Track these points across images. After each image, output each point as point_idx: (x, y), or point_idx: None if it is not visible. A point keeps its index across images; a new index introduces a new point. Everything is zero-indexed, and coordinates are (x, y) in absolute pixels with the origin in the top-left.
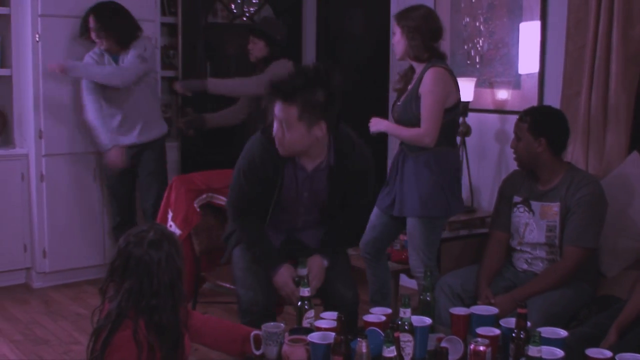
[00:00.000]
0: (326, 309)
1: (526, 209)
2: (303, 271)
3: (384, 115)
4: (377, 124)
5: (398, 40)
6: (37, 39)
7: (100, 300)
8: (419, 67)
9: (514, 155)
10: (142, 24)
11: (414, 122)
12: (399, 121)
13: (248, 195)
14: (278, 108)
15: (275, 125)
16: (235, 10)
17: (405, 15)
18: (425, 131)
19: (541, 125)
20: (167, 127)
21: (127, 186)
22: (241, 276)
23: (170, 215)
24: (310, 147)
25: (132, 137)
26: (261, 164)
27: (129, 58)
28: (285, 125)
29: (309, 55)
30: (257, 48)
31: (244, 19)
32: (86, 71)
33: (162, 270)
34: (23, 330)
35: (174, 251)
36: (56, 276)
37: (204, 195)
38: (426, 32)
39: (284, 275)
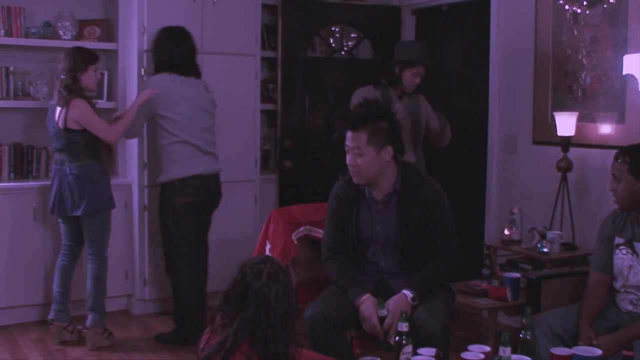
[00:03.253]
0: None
1: (629, 250)
2: (382, 312)
3: (483, 152)
4: None
5: None
6: (143, 73)
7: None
8: None
9: (614, 198)
10: (243, 58)
11: None
12: None
13: (334, 235)
14: (349, 137)
15: (349, 156)
16: (334, 45)
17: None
18: None
19: None
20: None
21: None
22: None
23: (268, 247)
24: (381, 172)
25: None
26: (340, 202)
27: None
28: (357, 152)
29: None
30: (418, 77)
31: (343, 53)
32: None
33: (278, 303)
34: (123, 356)
35: (288, 284)
36: (155, 304)
37: (302, 228)
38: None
39: (369, 307)
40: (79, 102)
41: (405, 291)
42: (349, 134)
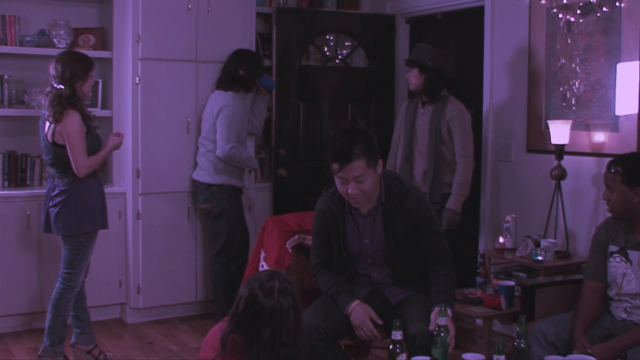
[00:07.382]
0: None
1: (623, 258)
2: (442, 320)
3: (477, 160)
4: None
5: None
6: (137, 81)
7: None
8: None
9: (607, 207)
10: None
11: None
12: None
13: (321, 250)
14: (347, 170)
15: (350, 186)
16: (328, 53)
17: None
18: None
19: (635, 174)
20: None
21: None
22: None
23: (262, 255)
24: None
25: None
26: (324, 219)
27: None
28: (362, 179)
29: (402, 94)
30: (411, 75)
31: (337, 61)
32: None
33: (290, 319)
34: None
35: (296, 296)
36: (149, 312)
37: (296, 237)
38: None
39: (361, 313)
40: (72, 117)
41: (437, 307)
42: (346, 167)
